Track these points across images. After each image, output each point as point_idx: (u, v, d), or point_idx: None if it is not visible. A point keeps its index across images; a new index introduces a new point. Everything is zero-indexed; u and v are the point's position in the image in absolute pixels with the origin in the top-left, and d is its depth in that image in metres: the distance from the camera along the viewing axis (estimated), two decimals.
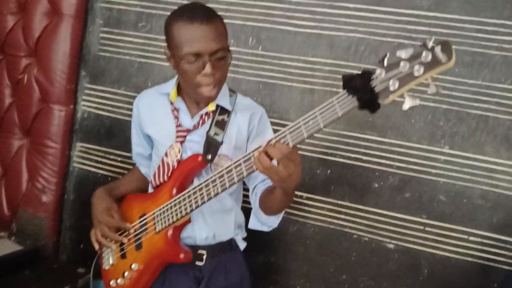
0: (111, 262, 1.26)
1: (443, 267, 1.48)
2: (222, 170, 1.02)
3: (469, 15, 1.39)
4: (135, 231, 1.21)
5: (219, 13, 1.12)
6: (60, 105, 1.74)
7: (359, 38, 1.48)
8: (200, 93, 1.09)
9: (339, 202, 1.54)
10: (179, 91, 1.21)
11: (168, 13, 1.60)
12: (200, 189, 1.07)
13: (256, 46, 1.58)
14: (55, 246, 1.81)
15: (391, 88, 0.80)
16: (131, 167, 1.71)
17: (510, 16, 1.36)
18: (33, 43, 1.73)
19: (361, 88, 0.81)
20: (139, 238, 1.20)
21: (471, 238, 1.45)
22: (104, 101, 1.76)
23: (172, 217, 1.12)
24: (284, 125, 1.51)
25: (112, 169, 1.76)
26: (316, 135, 0.92)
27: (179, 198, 1.11)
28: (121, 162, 1.75)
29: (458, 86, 1.41)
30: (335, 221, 1.56)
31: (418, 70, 0.79)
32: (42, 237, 1.76)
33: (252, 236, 1.33)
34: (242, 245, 1.31)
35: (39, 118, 1.76)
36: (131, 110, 1.68)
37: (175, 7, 1.59)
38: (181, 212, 1.11)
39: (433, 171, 1.46)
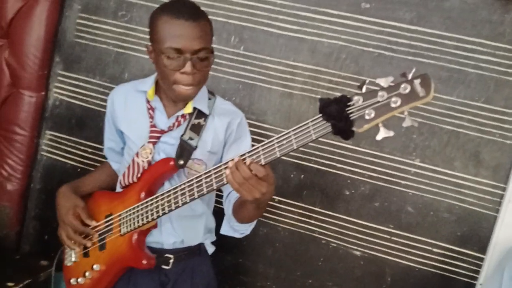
0: (73, 259, 1.23)
1: (406, 276, 1.52)
2: (192, 179, 1.00)
3: (449, 31, 1.41)
4: (99, 230, 1.17)
5: (203, 8, 1.09)
6: (31, 91, 1.67)
7: (341, 45, 1.48)
8: (176, 90, 1.07)
9: (310, 207, 1.55)
10: (157, 90, 1.18)
11: (150, 4, 1.60)
12: (168, 196, 1.05)
13: (238, 46, 1.56)
14: (18, 236, 1.75)
15: (367, 117, 0.79)
16: (101, 159, 1.67)
17: (488, 35, 1.39)
18: (6, 24, 1.65)
19: (336, 115, 0.80)
20: (104, 238, 1.17)
21: (435, 250, 1.49)
22: (77, 90, 1.70)
23: (138, 221, 1.09)
24: (261, 127, 1.55)
25: (82, 160, 1.72)
26: None
27: (146, 202, 1.09)
28: (91, 153, 1.70)
29: (433, 101, 1.43)
30: (305, 225, 1.57)
31: (395, 101, 0.77)
32: (5, 227, 1.70)
33: (222, 236, 1.31)
34: (210, 249, 1.30)
35: (8, 103, 1.69)
36: (104, 100, 1.65)
37: None
38: (147, 217, 1.08)
39: (403, 182, 1.48)
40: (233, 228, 1.19)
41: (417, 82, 0.76)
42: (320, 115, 0.83)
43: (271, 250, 1.60)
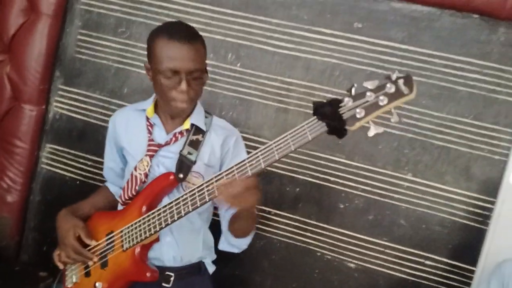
0: (74, 280, 1.23)
1: None
2: (193, 189, 1.04)
3: (439, 50, 1.46)
4: (101, 249, 1.19)
5: (200, 26, 1.14)
6: (31, 104, 1.71)
7: (334, 63, 1.52)
8: (173, 106, 1.14)
9: (306, 220, 1.59)
10: (156, 108, 1.23)
11: (149, 21, 1.65)
12: (171, 207, 1.08)
13: (234, 62, 1.60)
14: (17, 247, 1.77)
15: (358, 116, 0.87)
16: (100, 172, 1.70)
17: (477, 54, 1.44)
18: (8, 39, 1.69)
19: (330, 115, 0.88)
20: (105, 256, 1.18)
21: (427, 262, 1.52)
22: (77, 104, 1.73)
23: (141, 235, 1.12)
24: (257, 141, 1.59)
25: (81, 172, 1.74)
26: None
27: (148, 216, 1.11)
28: (90, 166, 1.73)
29: (424, 117, 1.47)
30: (301, 238, 1.60)
31: (382, 100, 0.86)
32: (5, 238, 1.72)
33: (218, 249, 1.35)
34: (211, 268, 1.32)
35: (8, 117, 1.72)
36: (104, 114, 1.69)
37: (156, 16, 1.64)
38: (149, 230, 1.10)
39: (396, 196, 1.52)
40: (230, 244, 1.24)
41: (401, 81, 0.85)
42: (315, 117, 0.90)
43: (267, 262, 1.63)
